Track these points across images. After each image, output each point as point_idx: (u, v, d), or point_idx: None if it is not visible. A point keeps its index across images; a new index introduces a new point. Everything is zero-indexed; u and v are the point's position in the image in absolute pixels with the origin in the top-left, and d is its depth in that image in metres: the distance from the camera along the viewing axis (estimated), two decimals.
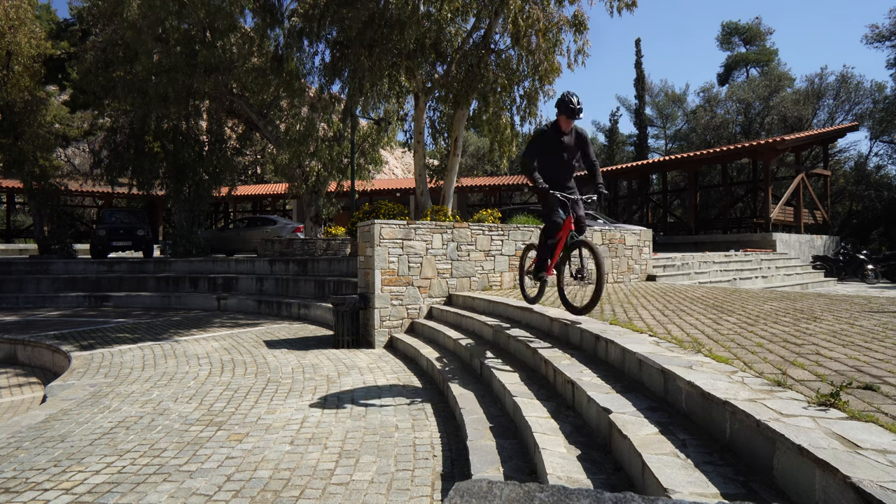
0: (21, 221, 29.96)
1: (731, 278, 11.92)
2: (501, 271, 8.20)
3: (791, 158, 21.76)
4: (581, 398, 3.24)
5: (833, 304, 5.82)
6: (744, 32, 36.89)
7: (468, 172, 27.86)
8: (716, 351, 3.26)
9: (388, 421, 4.05)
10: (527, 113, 10.20)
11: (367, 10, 8.97)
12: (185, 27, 12.03)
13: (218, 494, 2.85)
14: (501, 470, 2.88)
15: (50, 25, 19.17)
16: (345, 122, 12.86)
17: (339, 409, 4.37)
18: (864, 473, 1.55)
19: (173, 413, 4.27)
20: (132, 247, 15.48)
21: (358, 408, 4.38)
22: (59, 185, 16.81)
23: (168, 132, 15.73)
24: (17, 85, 14.77)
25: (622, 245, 10.01)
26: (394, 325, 7.16)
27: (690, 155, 19.53)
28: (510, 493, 1.16)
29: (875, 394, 2.34)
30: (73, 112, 19.19)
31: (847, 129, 20.73)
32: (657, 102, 37.43)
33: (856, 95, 27.41)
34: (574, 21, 9.58)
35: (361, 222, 7.41)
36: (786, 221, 18.41)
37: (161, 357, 6.45)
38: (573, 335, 4.49)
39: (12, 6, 14.36)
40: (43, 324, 9.22)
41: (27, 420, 4.14)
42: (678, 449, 2.24)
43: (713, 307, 5.55)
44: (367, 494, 2.84)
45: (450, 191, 11.01)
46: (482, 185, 24.61)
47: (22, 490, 2.92)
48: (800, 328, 4.10)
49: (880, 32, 25.84)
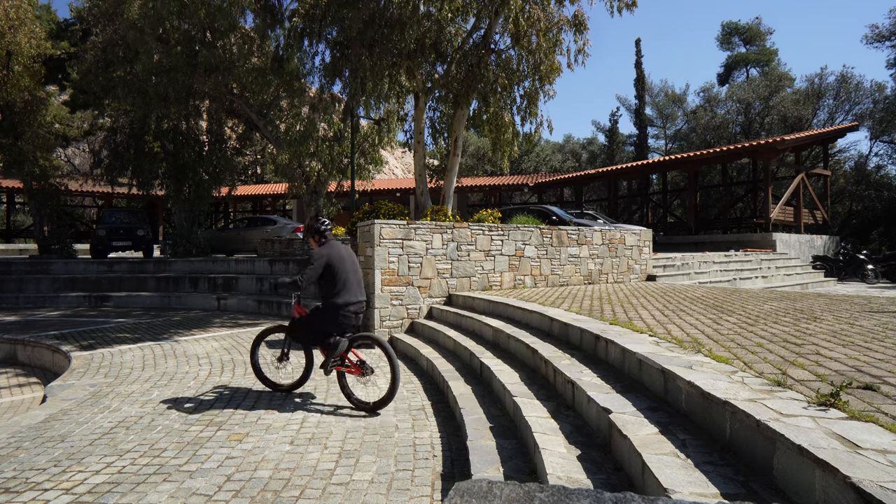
0: (21, 221, 29.96)
1: (731, 278, 11.92)
2: (501, 271, 8.20)
3: (791, 158, 21.75)
4: (581, 398, 3.24)
5: (833, 304, 5.82)
6: (744, 32, 36.88)
7: (468, 172, 27.87)
8: (716, 351, 3.25)
9: (388, 421, 4.05)
10: (527, 113, 10.18)
11: (368, 10, 8.97)
12: (186, 27, 12.02)
13: (218, 494, 2.85)
14: (501, 470, 2.88)
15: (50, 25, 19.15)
16: (345, 122, 12.85)
17: (339, 408, 4.37)
18: (864, 473, 1.55)
19: (173, 413, 4.27)
20: (132, 247, 15.47)
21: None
22: (59, 185, 16.80)
23: (168, 132, 15.72)
24: (17, 85, 14.77)
25: (622, 245, 10.01)
26: (394, 325, 7.16)
27: (690, 155, 19.52)
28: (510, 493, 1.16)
29: (875, 394, 2.34)
30: (73, 112, 19.17)
31: (847, 129, 20.72)
32: (657, 102, 37.42)
33: (856, 95, 27.39)
34: (574, 21, 9.57)
35: (361, 222, 7.41)
36: (786, 221, 18.40)
37: (161, 357, 6.45)
38: (573, 335, 4.49)
39: (12, 6, 14.36)
40: (43, 324, 9.21)
41: (27, 420, 4.14)
42: (678, 449, 2.24)
43: (713, 307, 5.55)
44: (367, 494, 2.84)
45: (450, 191, 11.01)
46: (482, 185, 24.61)
47: (22, 490, 2.92)
48: (800, 328, 4.10)
49: (880, 32, 25.83)
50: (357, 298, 4.38)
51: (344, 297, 4.29)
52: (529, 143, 11.41)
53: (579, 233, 9.31)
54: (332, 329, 4.36)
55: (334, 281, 4.30)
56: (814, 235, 18.50)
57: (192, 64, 12.10)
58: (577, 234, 9.26)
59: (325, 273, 4.30)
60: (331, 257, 4.33)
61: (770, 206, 16.99)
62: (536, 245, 8.63)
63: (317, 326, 4.39)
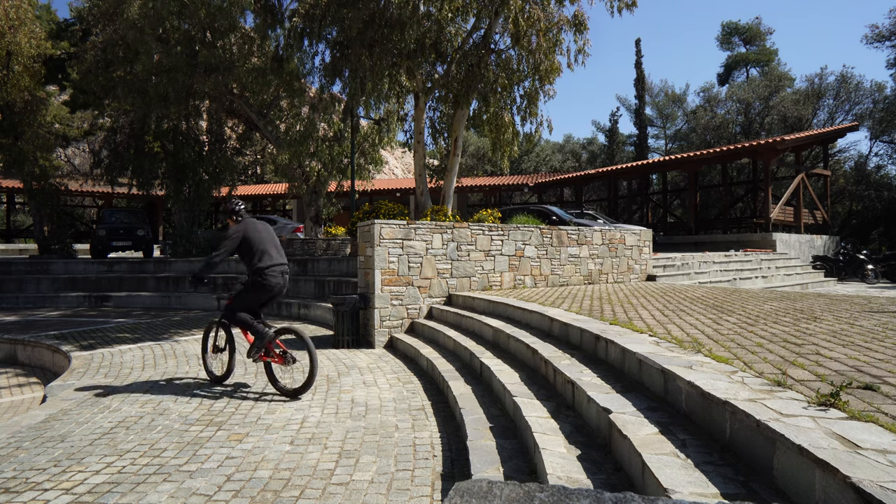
0: (21, 221, 29.96)
1: (731, 278, 11.92)
2: (501, 271, 8.20)
3: (791, 158, 21.75)
4: (581, 398, 3.24)
5: (833, 304, 5.82)
6: (744, 32, 36.88)
7: (468, 172, 27.85)
8: (716, 351, 3.26)
9: (388, 421, 4.05)
10: (527, 113, 10.19)
11: (368, 10, 8.97)
12: (186, 27, 12.03)
13: (218, 494, 2.85)
14: (501, 470, 2.88)
15: (50, 25, 19.15)
16: (345, 122, 12.86)
17: (339, 408, 4.37)
18: (864, 473, 1.55)
19: (173, 413, 4.27)
20: (132, 247, 15.47)
21: (358, 408, 4.38)
22: (59, 185, 16.80)
23: (168, 132, 15.73)
24: (17, 85, 14.77)
25: (622, 245, 10.01)
26: (394, 325, 7.16)
27: (690, 155, 19.52)
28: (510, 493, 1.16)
29: (875, 394, 2.34)
30: (73, 112, 19.17)
31: (847, 129, 20.72)
32: (657, 102, 37.42)
33: (856, 95, 27.39)
34: (574, 21, 9.57)
35: (361, 222, 7.41)
36: (786, 221, 18.40)
37: (161, 357, 6.45)
38: (573, 335, 4.49)
39: (12, 6, 14.35)
40: (43, 324, 9.21)
41: (27, 420, 4.14)
42: (678, 449, 2.24)
43: (713, 307, 5.55)
44: (367, 494, 2.84)
45: (450, 191, 11.01)
46: (482, 185, 24.61)
47: (22, 490, 2.92)
48: (800, 328, 4.10)
49: (880, 32, 25.83)
50: (277, 261, 4.72)
51: (265, 261, 4.63)
52: (529, 143, 11.42)
53: (579, 233, 9.31)
54: (262, 295, 4.69)
55: (252, 250, 4.65)
56: (814, 235, 18.51)
57: (192, 64, 12.10)
58: (577, 234, 9.26)
59: (242, 245, 4.66)
60: (246, 230, 4.69)
61: (770, 206, 16.99)
62: (536, 245, 8.64)
63: (251, 294, 4.70)
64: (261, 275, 4.59)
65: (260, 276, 4.60)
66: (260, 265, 4.60)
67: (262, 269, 4.59)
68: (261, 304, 4.81)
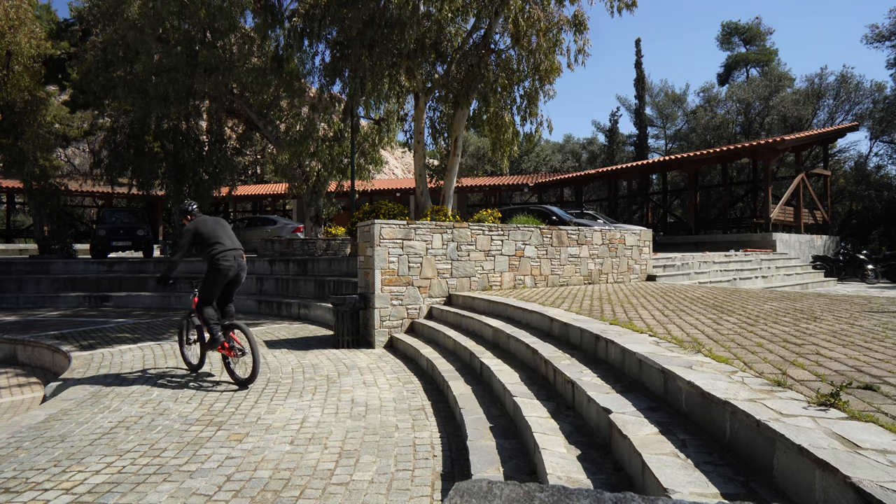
0: (21, 221, 29.96)
1: (731, 278, 11.92)
2: (501, 271, 8.20)
3: (791, 158, 21.75)
4: (581, 398, 3.24)
5: (833, 304, 5.82)
6: (744, 32, 36.88)
7: (468, 172, 27.87)
8: (716, 351, 3.26)
9: (388, 421, 4.05)
10: (527, 113, 10.18)
11: (368, 10, 8.97)
12: (186, 27, 12.03)
13: (218, 494, 2.85)
14: (501, 470, 2.88)
15: (50, 25, 19.14)
16: (345, 122, 12.86)
17: (339, 408, 4.37)
18: (864, 473, 1.55)
19: (173, 413, 4.27)
20: (132, 247, 15.47)
21: (358, 408, 4.38)
22: (59, 185, 16.80)
23: (168, 132, 15.72)
24: (17, 85, 14.76)
25: (622, 245, 10.01)
26: (394, 325, 7.16)
27: (690, 155, 19.52)
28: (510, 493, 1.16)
29: (875, 394, 2.34)
30: (73, 112, 19.18)
31: (847, 129, 20.72)
32: (657, 102, 37.42)
33: (856, 95, 27.39)
34: (574, 21, 9.57)
35: (361, 222, 7.41)
36: (786, 221, 18.40)
37: (161, 357, 6.45)
38: (573, 335, 4.49)
39: (12, 6, 14.35)
40: (43, 324, 9.21)
41: (27, 420, 4.14)
42: (678, 449, 2.24)
43: (713, 307, 5.55)
44: (367, 494, 2.84)
45: (450, 191, 11.01)
46: (482, 185, 24.61)
47: (22, 490, 2.92)
48: (800, 328, 4.10)
49: (880, 32, 25.83)
50: (230, 246, 5.10)
51: (219, 249, 5.03)
52: (529, 143, 11.42)
53: (579, 233, 9.31)
54: (220, 279, 5.04)
55: (205, 242, 5.07)
56: (814, 235, 18.51)
57: (192, 64, 12.10)
58: (577, 234, 9.26)
59: (195, 239, 5.08)
60: (198, 226, 5.11)
61: (770, 206, 16.99)
62: (536, 245, 8.64)
63: (210, 281, 5.07)
64: (214, 261, 4.98)
65: (214, 262, 4.98)
66: (212, 252, 5.00)
67: (215, 255, 4.98)
68: (225, 294, 5.23)
